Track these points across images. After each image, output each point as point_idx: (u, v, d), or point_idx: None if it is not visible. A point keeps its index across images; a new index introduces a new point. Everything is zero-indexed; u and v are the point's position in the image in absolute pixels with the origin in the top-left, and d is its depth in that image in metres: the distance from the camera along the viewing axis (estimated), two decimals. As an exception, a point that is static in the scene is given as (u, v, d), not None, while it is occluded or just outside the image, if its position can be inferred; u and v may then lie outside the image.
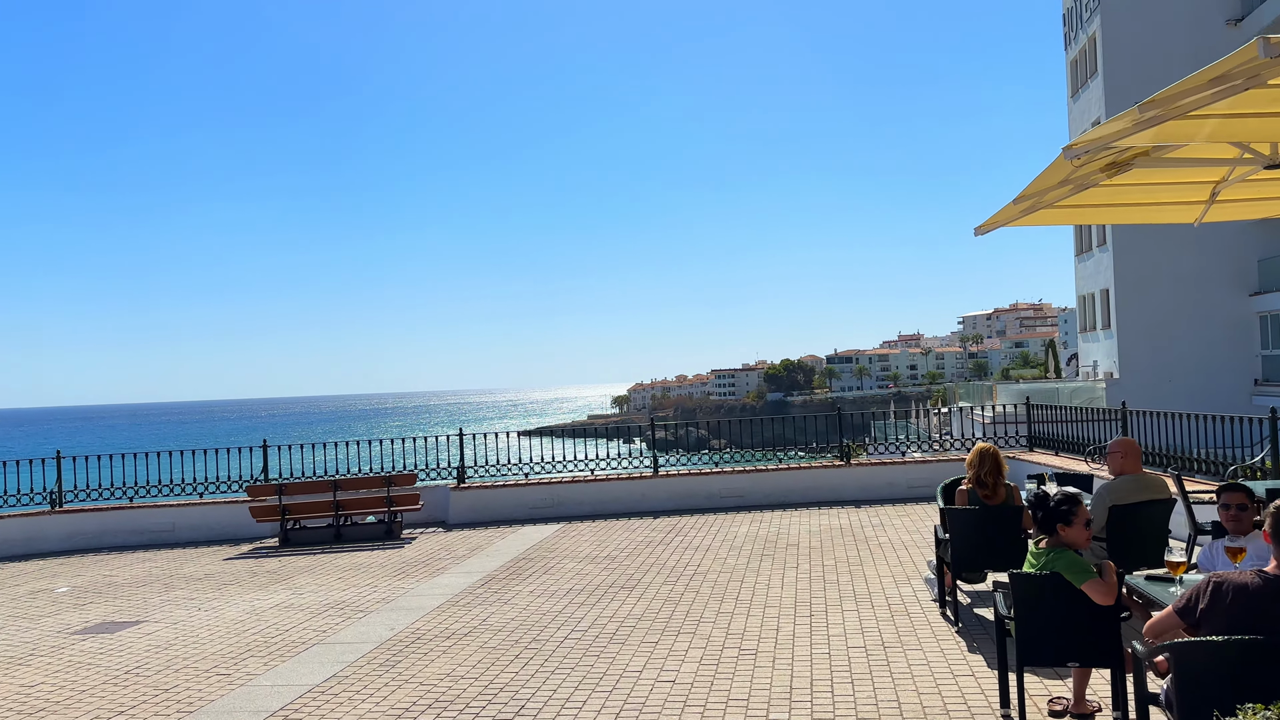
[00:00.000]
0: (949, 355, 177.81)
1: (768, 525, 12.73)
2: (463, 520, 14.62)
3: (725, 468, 15.13)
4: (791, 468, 14.80)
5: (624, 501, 14.66)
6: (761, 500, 14.66)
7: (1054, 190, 7.53)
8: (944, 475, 14.42)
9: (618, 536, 12.56)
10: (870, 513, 13.38)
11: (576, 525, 13.73)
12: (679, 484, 14.73)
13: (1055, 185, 7.38)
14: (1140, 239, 35.31)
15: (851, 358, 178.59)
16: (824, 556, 10.51)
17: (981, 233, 8.59)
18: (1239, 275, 35.06)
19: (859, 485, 14.70)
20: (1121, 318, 36.13)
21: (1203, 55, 33.03)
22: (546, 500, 14.67)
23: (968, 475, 7.68)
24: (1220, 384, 34.10)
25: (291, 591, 10.51)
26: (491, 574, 10.62)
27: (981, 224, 8.48)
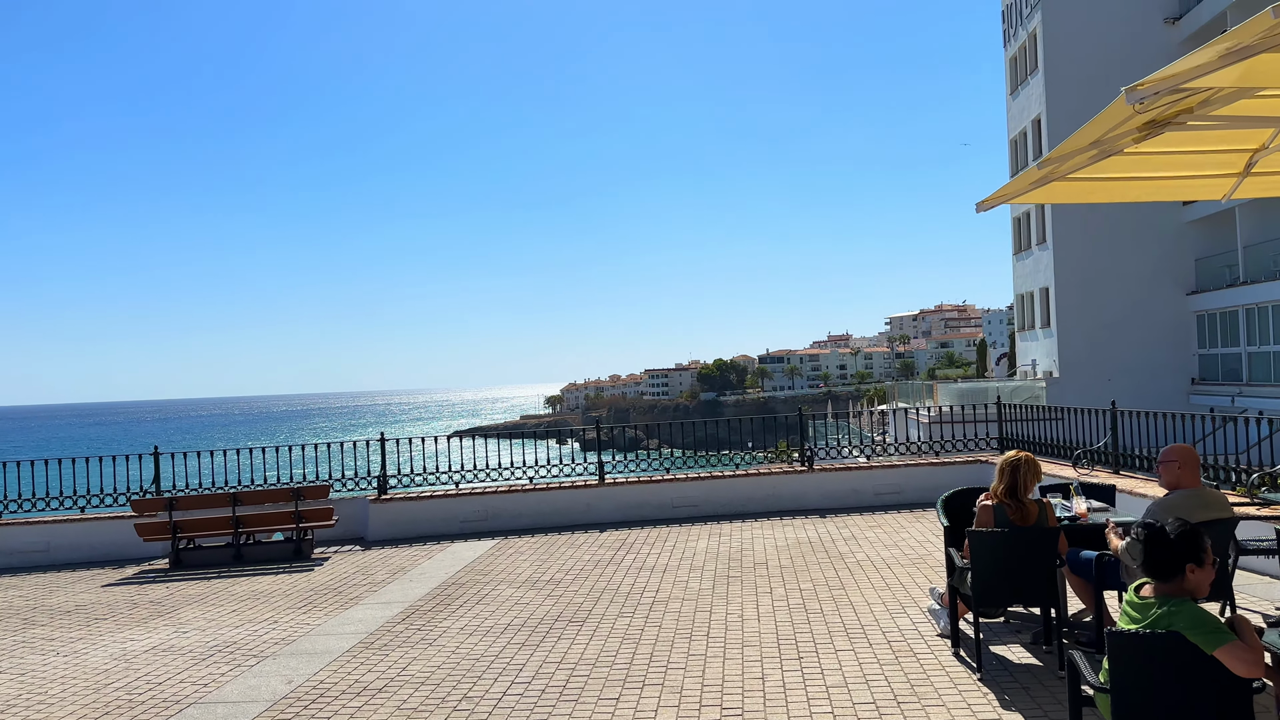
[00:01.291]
0: (877, 355, 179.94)
1: (729, 539, 11.41)
2: (384, 536, 13.00)
3: (677, 474, 13.77)
4: (750, 474, 13.51)
5: (567, 513, 13.21)
6: (718, 510, 13.34)
7: (1076, 157, 6.36)
8: (912, 482, 13.30)
9: (561, 554, 11.11)
10: (838, 524, 12.15)
11: (514, 541, 12.23)
12: (628, 493, 13.33)
13: (1085, 147, 6.19)
14: (1081, 237, 35.06)
15: (783, 358, 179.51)
16: (799, 578, 9.20)
17: (984, 208, 7.42)
18: (1178, 274, 35.03)
19: (822, 493, 13.48)
20: (1062, 317, 35.83)
21: (1141, 52, 32.81)
22: (480, 513, 13.13)
23: (995, 487, 6.40)
24: (1159, 383, 33.98)
25: (175, 629, 8.82)
26: (414, 605, 9.07)
27: (984, 199, 7.33)
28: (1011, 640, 6.84)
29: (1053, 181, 6.82)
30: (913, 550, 10.22)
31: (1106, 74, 34.71)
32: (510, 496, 13.23)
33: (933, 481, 13.58)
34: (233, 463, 13.39)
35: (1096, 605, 6.28)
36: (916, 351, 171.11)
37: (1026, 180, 6.89)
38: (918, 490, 13.53)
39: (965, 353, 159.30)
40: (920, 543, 10.61)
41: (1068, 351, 36.01)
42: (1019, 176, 6.97)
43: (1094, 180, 7.30)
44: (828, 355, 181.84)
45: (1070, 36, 35.49)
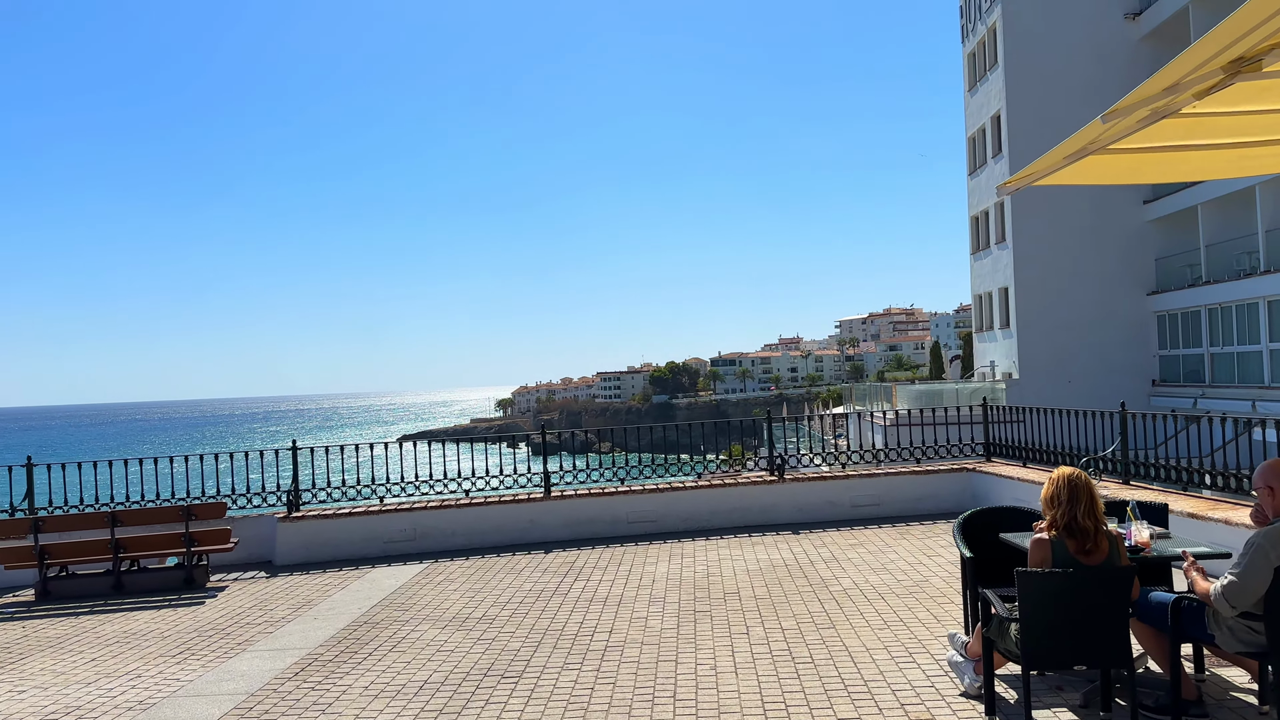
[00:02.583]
0: (827, 358, 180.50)
1: (693, 562, 9.92)
2: (295, 560, 11.30)
3: (632, 485, 12.26)
4: (714, 484, 12.05)
5: (507, 531, 11.63)
6: (679, 525, 11.86)
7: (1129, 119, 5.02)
8: (893, 493, 11.96)
9: (499, 582, 9.53)
10: (814, 542, 10.73)
11: (445, 565, 10.62)
12: (577, 507, 11.78)
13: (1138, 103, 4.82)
14: (1041, 236, 34.30)
15: (735, 360, 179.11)
16: (779, 613, 7.74)
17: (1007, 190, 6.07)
18: (1138, 274, 34.42)
19: (795, 505, 12.06)
20: (1021, 317, 35.03)
21: (1102, 48, 32.05)
22: (407, 531, 11.49)
23: (1050, 517, 4.96)
24: (1120, 384, 33.26)
25: (11, 687, 7.08)
26: (314, 653, 7.43)
27: (1008, 180, 6.02)
28: (1054, 702, 5.43)
29: (1091, 155, 5.48)
30: (905, 575, 8.81)
31: (1067, 68, 34.06)
32: (442, 513, 11.60)
33: (915, 492, 12.25)
34: (121, 476, 11.57)
35: (1173, 662, 4.90)
36: (866, 354, 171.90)
37: (1060, 154, 5.56)
38: (899, 502, 12.19)
39: (914, 355, 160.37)
40: (911, 565, 9.22)
41: (1028, 352, 35.22)
42: (1052, 151, 5.64)
43: (1141, 151, 5.93)
44: (779, 358, 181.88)
45: (1030, 30, 34.74)
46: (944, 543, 10.24)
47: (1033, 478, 10.91)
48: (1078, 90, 33.78)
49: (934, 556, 9.55)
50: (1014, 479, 11.28)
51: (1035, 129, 34.16)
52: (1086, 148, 5.60)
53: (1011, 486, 11.28)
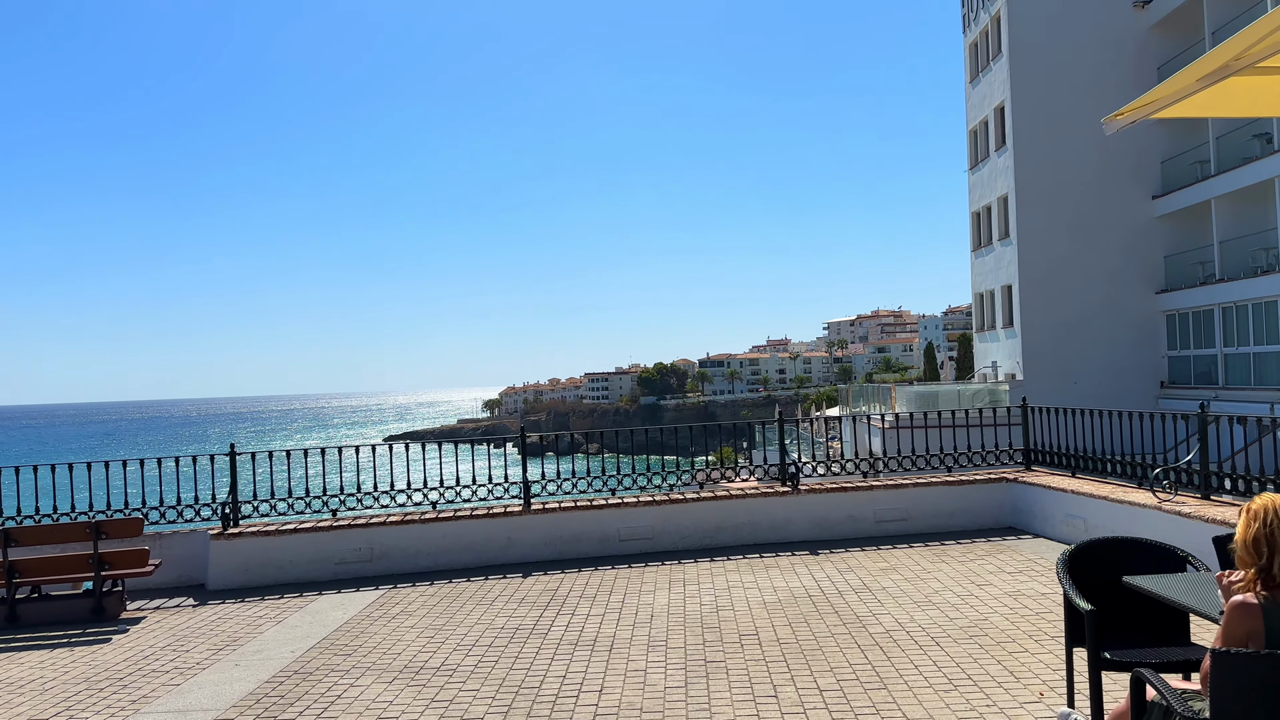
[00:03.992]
0: (816, 359, 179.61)
1: (697, 591, 8.36)
2: (231, 584, 9.67)
3: (624, 495, 10.68)
4: (718, 496, 10.47)
5: (480, 550, 10.03)
6: (678, 543, 10.29)
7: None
8: (921, 505, 10.45)
9: (466, 616, 7.94)
10: (837, 565, 9.19)
11: (405, 592, 9.02)
12: (560, 522, 10.20)
13: None
14: (1046, 231, 32.93)
15: (723, 361, 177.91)
16: (811, 664, 6.18)
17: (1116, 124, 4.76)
18: (1146, 272, 33.07)
19: (811, 520, 10.52)
20: (1026, 316, 33.63)
21: (1110, 36, 30.68)
22: (362, 551, 9.88)
23: (1253, 569, 3.37)
24: (1127, 386, 31.96)
25: None
26: (221, 718, 5.82)
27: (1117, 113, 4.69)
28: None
29: (1233, 76, 4.12)
30: (957, 612, 7.28)
31: (1074, 57, 32.71)
32: (404, 529, 9.99)
33: (947, 505, 10.72)
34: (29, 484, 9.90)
35: None
36: (854, 356, 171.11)
37: (1192, 76, 4.20)
38: (929, 517, 10.67)
39: (902, 357, 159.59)
40: (961, 598, 7.69)
41: (1032, 353, 33.80)
42: (1180, 73, 4.31)
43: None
44: (767, 359, 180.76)
45: (1036, 17, 33.35)
46: (991, 567, 8.72)
47: (1091, 490, 9.39)
48: (1085, 80, 32.45)
49: (985, 586, 8.02)
50: (1065, 491, 9.76)
51: (1041, 120, 32.84)
52: (1229, 65, 4.16)
53: (1062, 500, 9.77)
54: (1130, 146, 32.63)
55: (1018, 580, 8.15)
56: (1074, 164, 32.67)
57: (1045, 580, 8.10)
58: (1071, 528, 9.55)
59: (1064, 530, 9.68)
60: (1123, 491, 9.10)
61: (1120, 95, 33.24)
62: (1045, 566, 8.61)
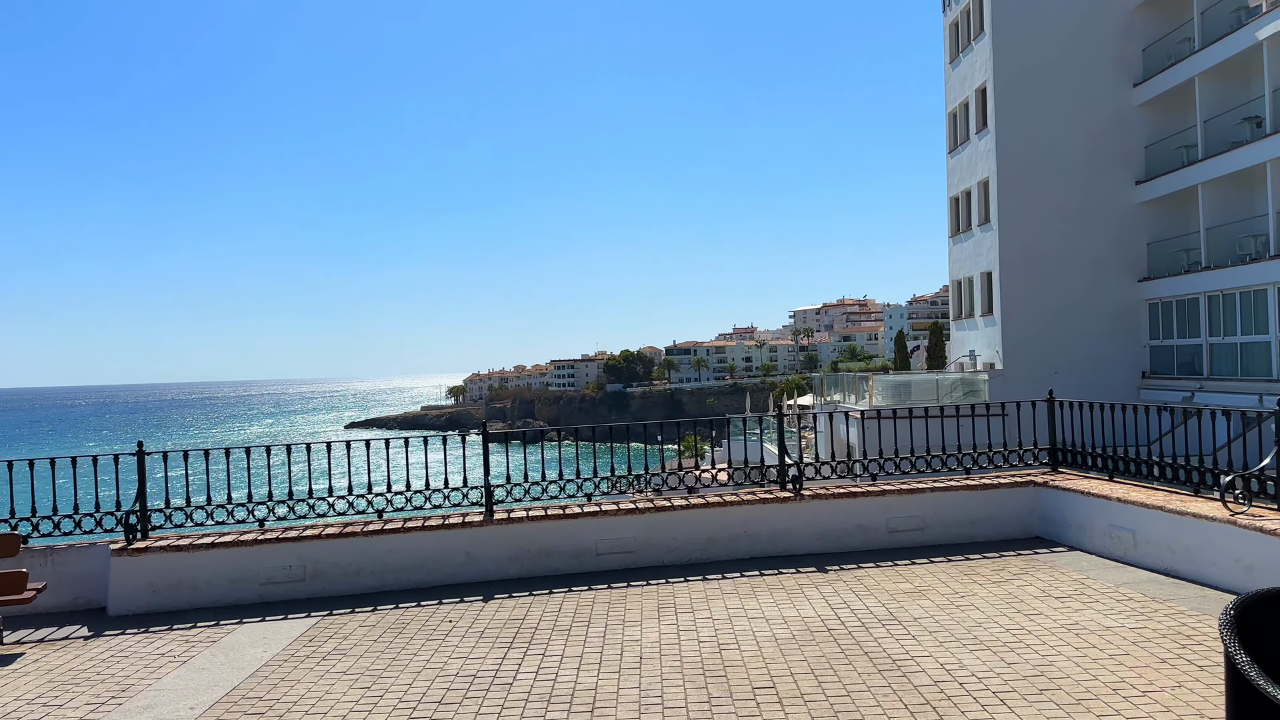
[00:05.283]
0: (782, 348, 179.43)
1: (693, 622, 6.99)
2: (136, 608, 8.15)
3: (602, 502, 9.28)
4: (710, 504, 9.10)
5: (433, 567, 8.59)
6: (664, 558, 8.92)
7: None
8: (938, 513, 9.18)
9: (413, 659, 6.51)
10: (852, 586, 7.87)
11: (341, 622, 7.57)
12: (528, 534, 8.77)
13: None
14: (1028, 217, 31.88)
15: (690, 349, 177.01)
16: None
17: None
18: (1129, 259, 32.15)
19: (816, 531, 9.20)
20: (1006, 303, 32.58)
21: (1095, 16, 29.60)
22: (293, 569, 8.40)
23: None
24: (1108, 377, 31.08)
25: None
26: (73, 823, 4.37)
27: None
28: None
29: None
30: (1012, 653, 5.97)
31: (1057, 38, 31.63)
32: (344, 543, 8.51)
33: (966, 513, 9.45)
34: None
35: None
36: (820, 345, 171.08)
37: None
38: (947, 526, 9.39)
39: (868, 346, 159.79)
40: (1010, 632, 6.39)
41: (1012, 342, 32.79)
42: None
43: None
44: (734, 347, 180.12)
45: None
46: (1034, 590, 7.44)
47: (1140, 499, 8.13)
48: (1068, 61, 31.45)
49: (1034, 617, 6.73)
50: (1108, 499, 8.50)
51: (1024, 101, 31.76)
52: None
53: (1105, 509, 8.51)
54: (1115, 129, 31.69)
55: (1070, 609, 6.88)
56: (1057, 147, 31.67)
57: (1104, 608, 6.83)
58: (1118, 542, 8.30)
59: (1108, 544, 8.44)
60: (1179, 500, 7.86)
61: (1104, 77, 32.35)
62: (1097, 590, 7.35)
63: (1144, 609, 6.76)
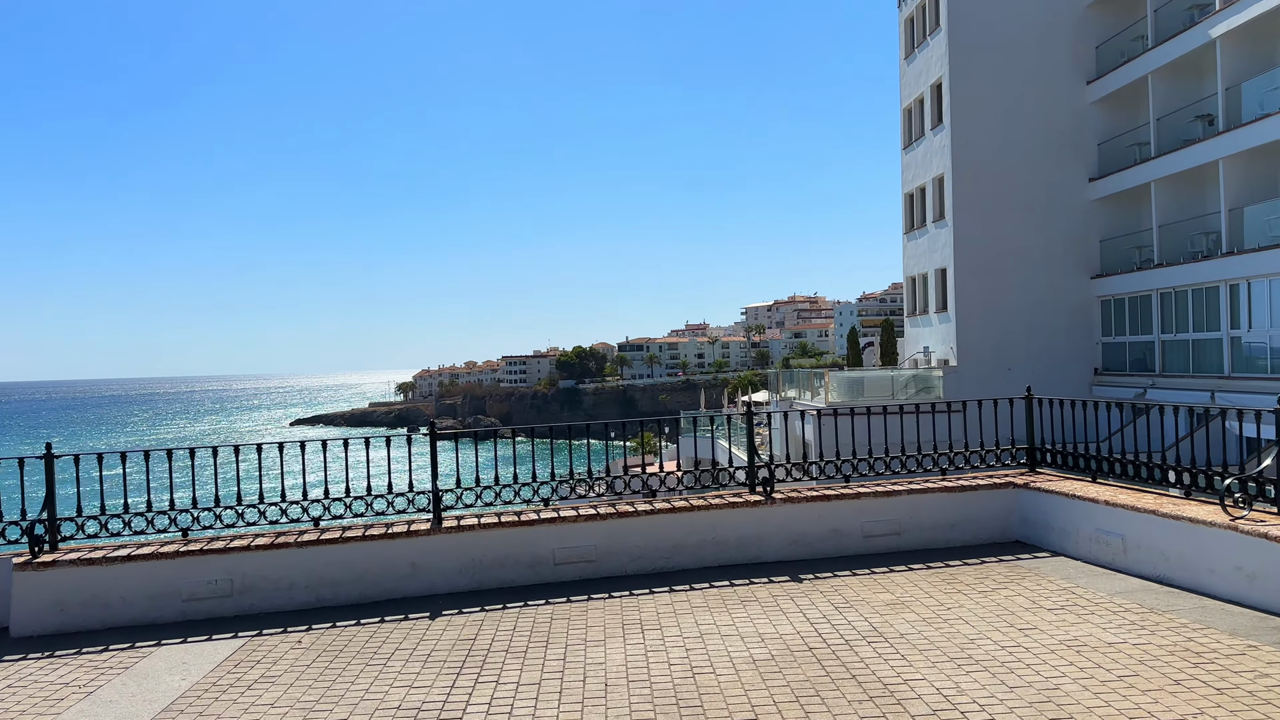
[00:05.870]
0: (734, 344, 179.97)
1: (661, 640, 6.38)
2: (42, 628, 7.34)
3: (560, 507, 8.64)
4: (676, 508, 8.50)
5: (375, 580, 7.88)
6: (627, 567, 8.30)
7: None
8: (916, 516, 8.74)
9: (349, 690, 5.82)
10: (830, 596, 7.33)
11: (272, 644, 6.84)
12: (480, 543, 8.10)
13: None
14: (983, 213, 31.84)
15: (642, 345, 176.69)
16: (846, 774, 4.28)
17: None
18: (1082, 256, 32.31)
19: (788, 536, 8.65)
20: (961, 300, 32.54)
21: (1048, 14, 29.60)
22: (220, 583, 7.63)
23: None
24: (1062, 373, 31.18)
25: None
26: None
27: None
28: None
29: None
30: (1014, 674, 5.47)
31: (1012, 34, 31.59)
32: (277, 554, 7.76)
33: (944, 515, 8.98)
34: None
35: None
36: (772, 341, 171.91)
37: None
38: (924, 529, 8.90)
39: (818, 342, 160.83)
40: (1007, 650, 5.89)
41: (967, 338, 32.74)
42: None
43: None
44: (686, 344, 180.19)
45: (977, -11, 32.15)
46: (1023, 601, 6.96)
47: (1129, 501, 7.70)
48: (1023, 57, 31.48)
49: (1029, 631, 6.24)
50: (1094, 501, 8.07)
51: (979, 97, 31.72)
52: None
53: (1091, 512, 8.08)
54: (1069, 126, 31.76)
55: (1066, 622, 6.40)
56: (1011, 144, 31.68)
57: (1101, 621, 6.37)
58: (1105, 547, 7.87)
59: (1095, 550, 8.01)
60: (1172, 504, 7.43)
61: (1058, 74, 32.38)
62: (1090, 600, 6.89)
63: (1144, 622, 6.31)
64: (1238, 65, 25.48)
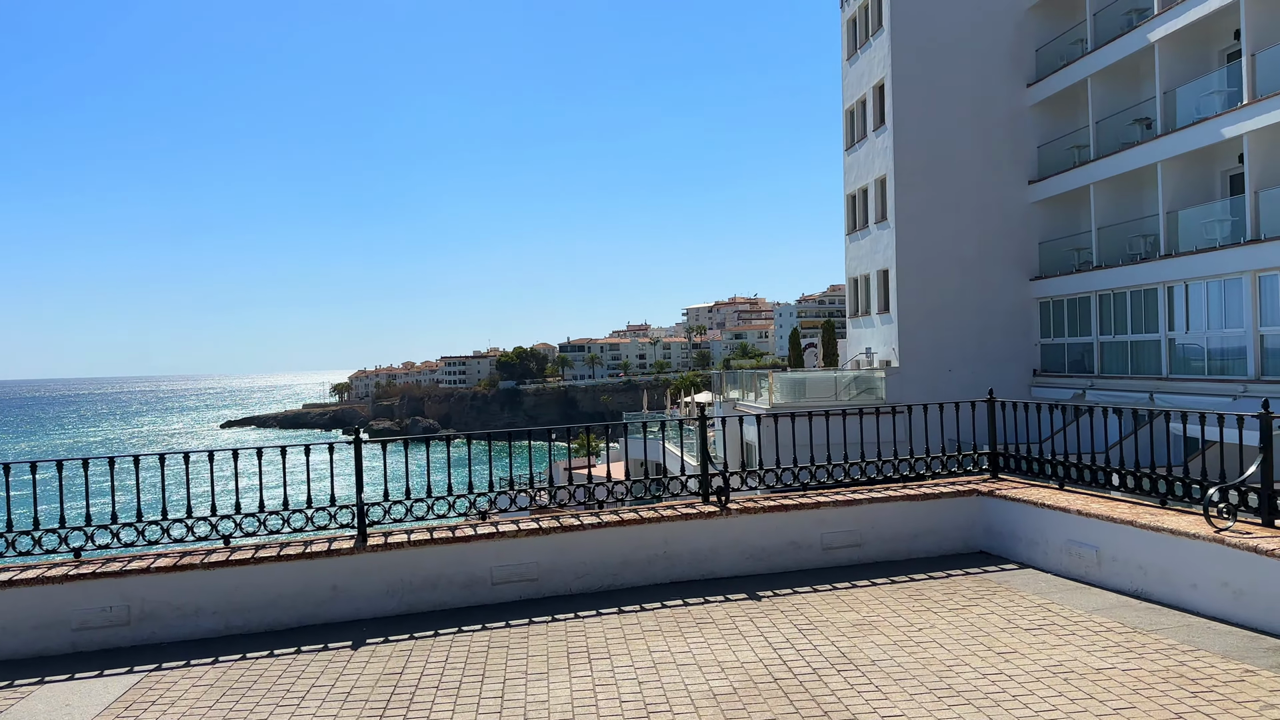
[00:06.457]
0: (675, 345, 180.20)
1: (611, 673, 5.77)
2: (-96, 667, 6.46)
3: (500, 520, 7.97)
4: (625, 520, 7.89)
5: (292, 604, 7.13)
6: (572, 586, 7.67)
7: None
8: (877, 527, 8.26)
9: (255, 732, 5.11)
10: (792, 616, 6.79)
11: (172, 679, 6.06)
12: (409, 561, 7.39)
13: None
14: (925, 215, 31.82)
15: (584, 346, 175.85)
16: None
17: None
18: (1021, 258, 32.48)
19: (743, 550, 8.10)
20: (903, 301, 32.49)
21: (990, 14, 29.64)
22: (116, 610, 6.82)
23: None
24: (1000, 374, 31.23)
25: None
26: None
27: None
28: None
29: None
30: (1000, 708, 4.96)
31: (954, 36, 31.62)
32: (181, 577, 6.97)
33: (906, 526, 8.51)
34: None
35: None
36: (712, 342, 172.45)
37: None
38: (886, 541, 8.43)
39: (759, 344, 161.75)
40: (990, 679, 5.40)
41: (909, 339, 32.71)
42: None
43: None
44: (628, 344, 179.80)
45: (919, -9, 32.12)
46: (998, 620, 6.49)
47: (1104, 511, 7.28)
48: (964, 59, 31.54)
49: (1010, 656, 5.76)
50: (1065, 510, 7.65)
51: (921, 98, 31.69)
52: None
53: (1062, 522, 7.66)
54: (1009, 129, 31.90)
55: (1047, 644, 5.94)
56: (953, 145, 31.70)
57: (1084, 643, 5.92)
58: (1078, 559, 7.46)
59: (1066, 562, 7.59)
60: (1150, 514, 7.04)
61: (999, 76, 32.51)
62: (1068, 618, 6.45)
63: (1129, 644, 5.88)
64: (1176, 69, 25.73)
